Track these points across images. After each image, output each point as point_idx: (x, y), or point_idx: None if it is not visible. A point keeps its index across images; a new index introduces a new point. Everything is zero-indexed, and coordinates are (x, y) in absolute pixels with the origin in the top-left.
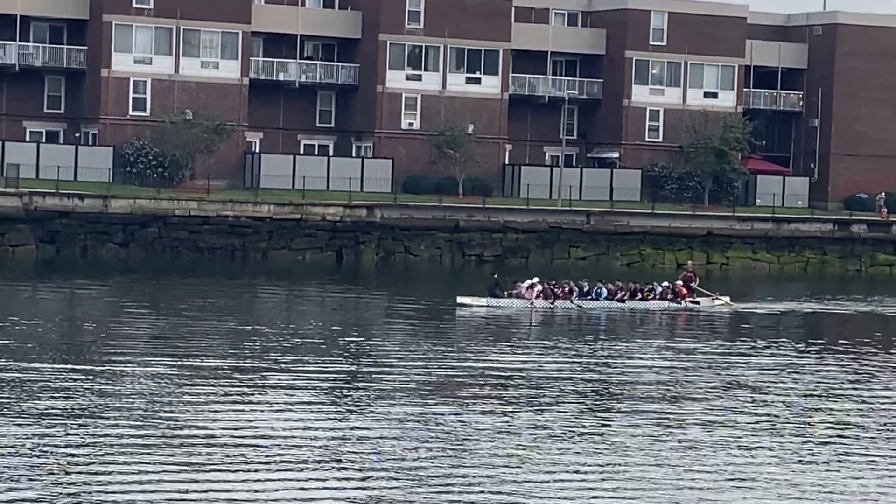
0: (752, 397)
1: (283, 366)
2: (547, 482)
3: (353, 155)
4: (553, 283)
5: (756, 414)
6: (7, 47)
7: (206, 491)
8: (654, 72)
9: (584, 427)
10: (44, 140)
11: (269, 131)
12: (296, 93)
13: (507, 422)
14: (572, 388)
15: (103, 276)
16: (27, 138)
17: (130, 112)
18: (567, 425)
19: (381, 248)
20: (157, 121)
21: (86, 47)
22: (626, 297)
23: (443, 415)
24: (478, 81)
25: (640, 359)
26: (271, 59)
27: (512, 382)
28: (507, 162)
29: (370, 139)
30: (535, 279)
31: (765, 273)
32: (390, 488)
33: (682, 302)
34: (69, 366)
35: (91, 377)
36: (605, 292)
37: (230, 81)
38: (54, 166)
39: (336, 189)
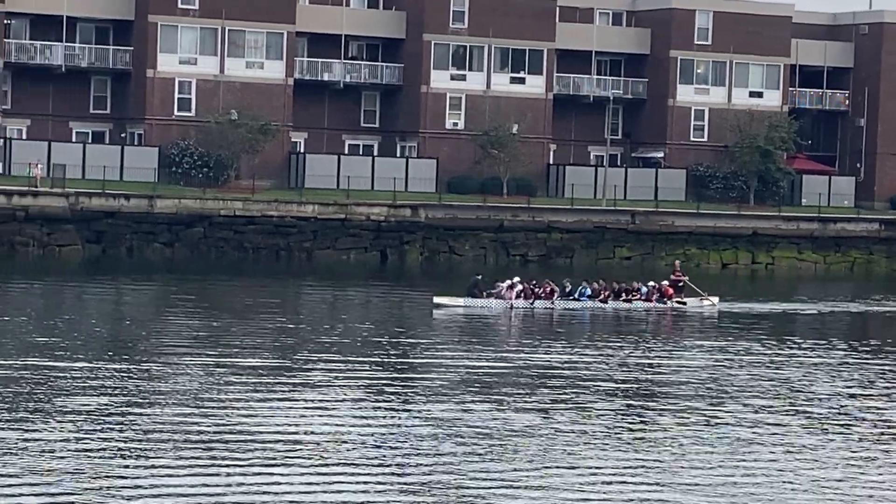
0: (795, 396)
1: (325, 364)
2: (586, 482)
3: (398, 155)
4: (534, 282)
5: (800, 413)
6: (53, 48)
7: (246, 486)
8: (699, 71)
9: (624, 425)
10: (90, 140)
11: (314, 131)
12: (340, 93)
13: (546, 420)
14: (608, 386)
15: (149, 275)
16: (73, 139)
17: (176, 112)
18: (605, 423)
19: (426, 248)
20: (203, 121)
21: (131, 48)
22: (609, 298)
23: (482, 413)
24: (522, 81)
25: (678, 358)
26: (316, 60)
27: (550, 380)
28: (551, 162)
29: (414, 139)
30: (516, 279)
31: (810, 273)
32: (429, 486)
33: (668, 302)
34: (114, 364)
35: (135, 375)
36: (588, 292)
37: (275, 81)
38: (100, 167)
39: (380, 189)
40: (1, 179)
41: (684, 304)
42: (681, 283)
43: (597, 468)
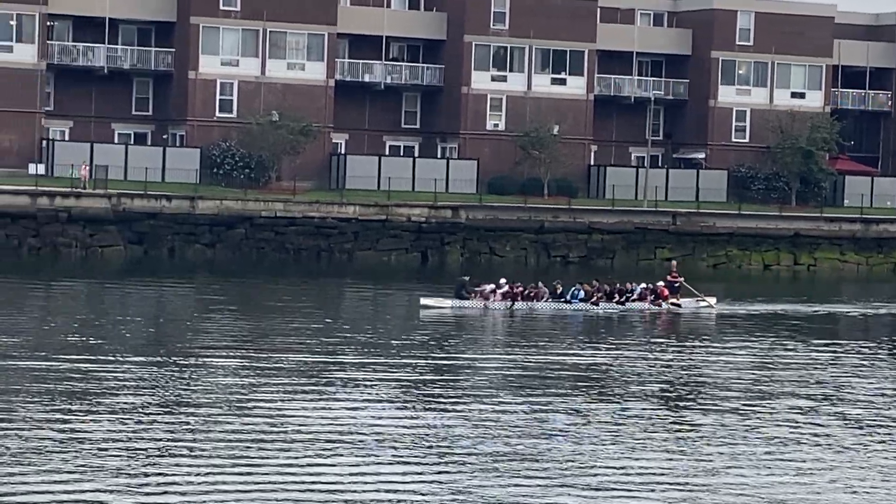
0: (836, 397)
1: (364, 363)
2: (624, 481)
3: (439, 156)
4: (519, 285)
5: (840, 414)
6: (96, 50)
7: (286, 483)
8: (740, 72)
9: (663, 424)
10: (132, 142)
11: (355, 132)
12: (381, 94)
13: (585, 418)
14: (647, 385)
15: (190, 276)
16: (115, 140)
17: (217, 114)
18: (644, 422)
19: (467, 249)
20: (244, 122)
21: (173, 49)
22: (602, 300)
23: (521, 412)
24: (563, 82)
25: (715, 358)
26: (357, 61)
27: (589, 379)
28: (592, 163)
29: (455, 140)
30: (502, 280)
31: (853, 274)
32: (466, 484)
33: (663, 304)
34: (156, 363)
35: (177, 374)
36: (581, 294)
37: (316, 83)
38: (142, 168)
39: (421, 190)
40: (44, 180)
41: (679, 305)
42: (677, 284)
43: (634, 466)
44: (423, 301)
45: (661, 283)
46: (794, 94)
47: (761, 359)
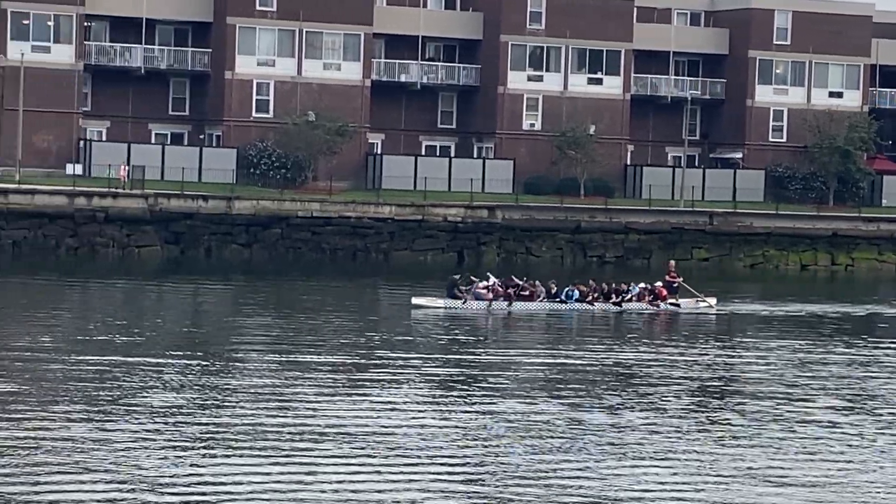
0: (869, 397)
1: (398, 361)
2: (658, 480)
3: (475, 156)
4: (518, 283)
5: (873, 414)
6: (133, 50)
7: (318, 480)
8: (777, 71)
9: (696, 423)
10: (169, 142)
11: (391, 132)
12: (417, 94)
13: (616, 417)
14: (680, 384)
15: (226, 276)
16: (152, 140)
17: (254, 114)
18: (679, 421)
19: (503, 249)
20: (280, 122)
21: (210, 50)
22: (597, 299)
23: (554, 411)
24: (599, 82)
25: (751, 358)
26: (393, 61)
27: (620, 378)
28: (628, 162)
29: (491, 140)
30: (493, 279)
31: (891, 274)
32: (500, 481)
33: (661, 304)
34: (192, 361)
35: (212, 372)
36: (576, 294)
37: (352, 83)
38: (179, 168)
39: (457, 190)
40: (82, 181)
41: (678, 305)
42: (675, 284)
43: (667, 466)
44: (415, 300)
45: (659, 284)
46: (831, 94)
47: (796, 359)
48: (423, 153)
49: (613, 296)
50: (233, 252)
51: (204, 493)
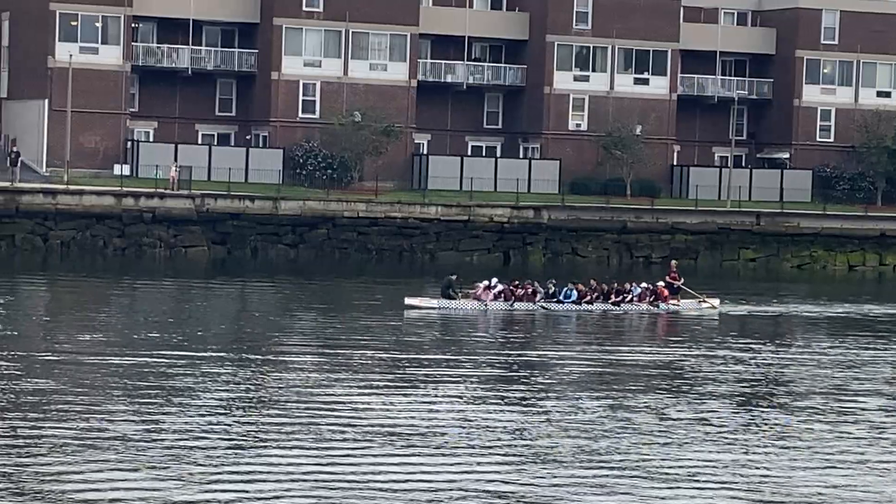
0: None
1: (441, 360)
2: (706, 479)
3: (521, 156)
4: (516, 283)
5: None
6: (180, 51)
7: (360, 476)
8: (825, 71)
9: (740, 422)
10: (215, 143)
11: (437, 133)
12: (463, 94)
13: (661, 415)
14: (729, 383)
15: (272, 276)
16: (199, 141)
17: (300, 114)
18: (727, 420)
19: (549, 250)
20: (326, 123)
21: (256, 50)
22: (595, 299)
23: (598, 408)
24: (646, 82)
25: (793, 358)
26: (439, 61)
27: (667, 377)
28: (675, 163)
29: (537, 140)
30: (494, 280)
31: None
32: (545, 482)
33: (661, 304)
34: (238, 360)
35: (258, 370)
36: (574, 294)
37: (398, 83)
38: (226, 168)
39: (503, 190)
40: (129, 181)
41: (678, 306)
42: (676, 286)
43: (711, 465)
44: (408, 301)
45: (660, 284)
46: (879, 94)
47: (845, 360)
48: (469, 153)
49: (613, 296)
50: (279, 252)
51: (251, 490)
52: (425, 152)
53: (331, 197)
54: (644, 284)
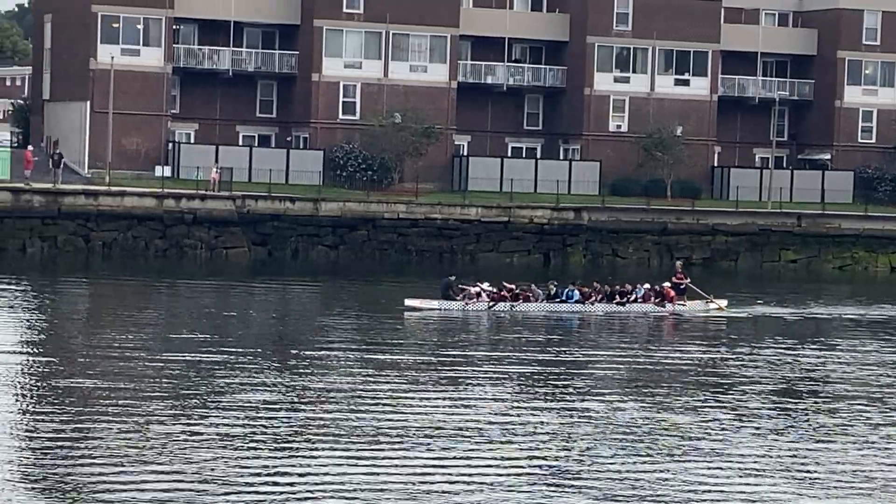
0: None
1: (480, 359)
2: (744, 480)
3: (561, 157)
4: (515, 285)
5: None
6: (221, 53)
7: (405, 476)
8: (867, 72)
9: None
10: (256, 144)
11: (477, 134)
12: (503, 95)
13: (699, 417)
14: (763, 385)
15: (313, 277)
16: (240, 142)
17: (340, 116)
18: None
19: (589, 251)
20: (367, 124)
21: (297, 52)
22: (598, 301)
23: (635, 410)
24: (686, 83)
25: (826, 359)
26: (479, 62)
27: (703, 380)
28: (716, 164)
29: (578, 141)
30: (486, 284)
31: None
32: (583, 479)
33: (668, 305)
34: (278, 360)
35: (298, 371)
36: (576, 295)
37: (439, 85)
38: (266, 170)
39: (543, 192)
40: (170, 183)
41: (684, 306)
42: (682, 286)
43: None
44: (408, 302)
45: (666, 284)
46: None
47: (883, 361)
48: (510, 155)
49: (618, 297)
50: (319, 253)
51: (292, 488)
52: (465, 153)
53: (371, 198)
54: (647, 285)
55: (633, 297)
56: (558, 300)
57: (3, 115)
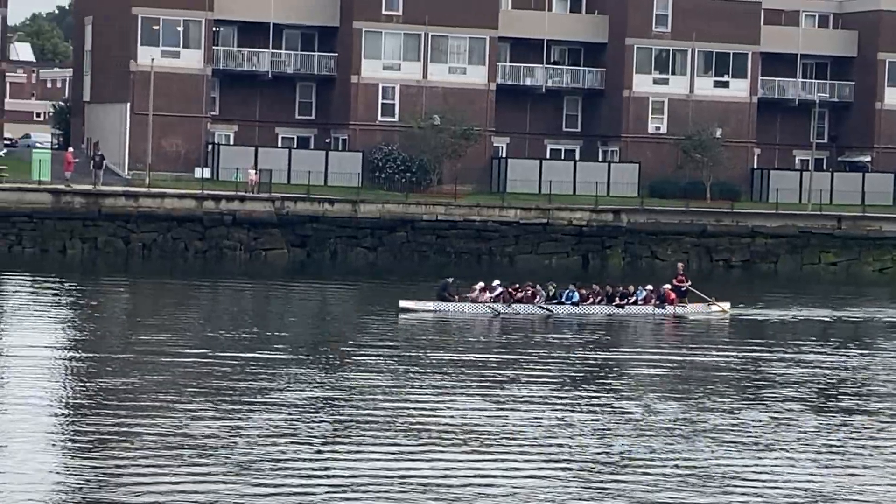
0: None
1: (521, 359)
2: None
3: (600, 159)
4: (515, 286)
5: None
6: (260, 55)
7: (438, 476)
8: None
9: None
10: (295, 146)
11: (516, 136)
12: (542, 97)
13: (734, 417)
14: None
15: (353, 279)
16: (279, 144)
17: (379, 118)
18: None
19: (628, 253)
20: (406, 126)
21: (336, 54)
22: (601, 302)
23: (668, 410)
24: (726, 85)
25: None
26: (518, 64)
27: (739, 379)
28: (755, 166)
29: (616, 143)
30: (496, 282)
31: None
32: (614, 481)
33: (668, 307)
34: (317, 360)
35: (336, 370)
36: (575, 297)
37: (477, 86)
38: (305, 171)
39: (582, 193)
40: (210, 184)
41: (685, 308)
42: (683, 288)
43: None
44: (403, 303)
45: (667, 287)
46: None
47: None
48: (548, 157)
49: (618, 299)
50: (358, 255)
51: (330, 486)
52: (504, 155)
53: (410, 200)
54: (649, 287)
55: (633, 300)
56: (556, 301)
57: (44, 117)
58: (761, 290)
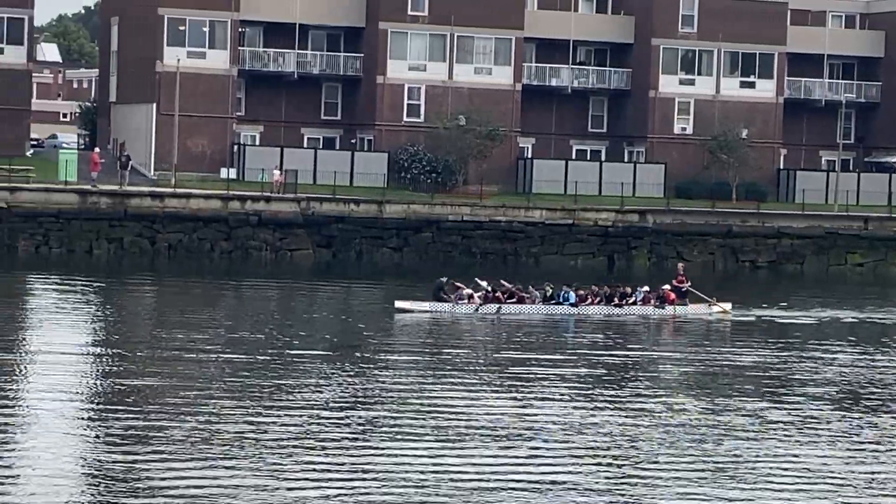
0: None
1: (539, 360)
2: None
3: (625, 160)
4: (514, 285)
5: None
6: (286, 56)
7: (465, 476)
8: None
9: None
10: (321, 146)
11: (542, 136)
12: (568, 98)
13: (759, 419)
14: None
15: (378, 279)
16: (305, 144)
17: (405, 118)
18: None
19: (654, 254)
20: (431, 126)
21: (362, 55)
22: (599, 303)
23: (693, 411)
24: (752, 85)
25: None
26: (544, 65)
27: (764, 381)
28: (781, 166)
29: (642, 144)
30: (483, 283)
31: None
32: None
33: (668, 307)
34: (342, 360)
35: (360, 371)
36: (572, 297)
37: (503, 87)
38: (331, 172)
39: (608, 194)
40: (235, 184)
41: (685, 308)
42: (684, 289)
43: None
44: (399, 304)
45: (666, 287)
46: None
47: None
48: (574, 157)
49: (616, 299)
50: (384, 256)
51: (352, 486)
52: (530, 156)
53: (435, 200)
54: (647, 288)
55: (631, 300)
56: (553, 302)
57: (71, 118)
58: (786, 292)
